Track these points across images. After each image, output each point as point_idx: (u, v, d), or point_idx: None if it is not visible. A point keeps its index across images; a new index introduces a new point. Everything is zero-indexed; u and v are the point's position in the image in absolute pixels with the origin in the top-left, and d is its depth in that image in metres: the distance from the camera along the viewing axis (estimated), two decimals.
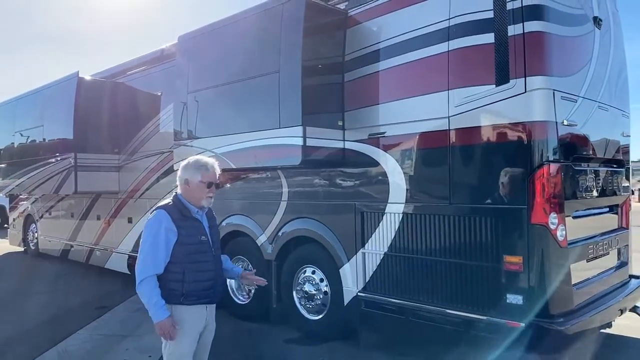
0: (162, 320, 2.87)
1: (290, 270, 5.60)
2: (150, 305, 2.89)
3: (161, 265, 2.93)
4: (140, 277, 2.90)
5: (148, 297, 2.89)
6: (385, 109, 4.73)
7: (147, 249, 2.94)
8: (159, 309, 2.88)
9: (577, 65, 4.30)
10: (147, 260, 2.92)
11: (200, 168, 3.08)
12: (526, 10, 3.85)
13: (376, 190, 4.79)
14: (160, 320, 2.87)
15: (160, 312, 2.87)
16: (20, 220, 11.94)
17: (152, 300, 2.88)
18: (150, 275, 2.90)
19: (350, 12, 5.04)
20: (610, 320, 4.47)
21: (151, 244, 2.93)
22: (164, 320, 2.88)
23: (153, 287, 2.90)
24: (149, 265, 2.91)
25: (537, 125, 3.81)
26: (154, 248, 2.92)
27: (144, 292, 2.90)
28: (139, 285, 2.90)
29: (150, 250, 2.92)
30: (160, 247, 2.92)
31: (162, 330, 2.89)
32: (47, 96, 9.04)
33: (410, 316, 4.52)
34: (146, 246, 2.94)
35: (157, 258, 2.92)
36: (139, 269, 2.92)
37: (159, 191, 7.38)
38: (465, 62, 4.16)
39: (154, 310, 2.88)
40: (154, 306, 2.88)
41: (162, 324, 2.87)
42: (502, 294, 3.94)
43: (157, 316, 2.87)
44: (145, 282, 2.89)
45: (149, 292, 2.89)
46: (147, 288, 2.89)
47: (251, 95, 5.31)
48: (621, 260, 5.10)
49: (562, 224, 3.88)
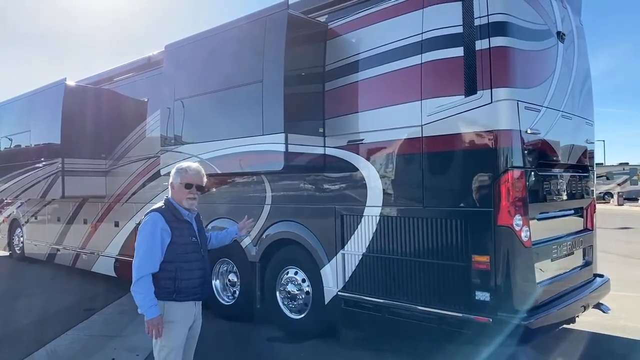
0: (154, 318, 3.08)
1: (273, 271, 5.81)
2: (144, 303, 3.09)
3: (157, 264, 3.14)
4: (137, 275, 3.10)
5: (143, 295, 3.09)
6: (364, 117, 4.97)
7: (144, 249, 3.14)
8: (152, 307, 3.08)
9: (541, 77, 4.59)
10: (144, 259, 3.12)
11: (180, 171, 3.34)
12: (492, 27, 4.13)
13: (355, 194, 5.03)
14: (152, 317, 3.08)
15: (153, 310, 3.08)
16: (6, 225, 11.96)
17: (147, 298, 3.09)
18: (147, 274, 3.11)
19: (330, 25, 5.29)
20: (573, 315, 4.74)
21: (148, 244, 3.13)
22: (156, 318, 3.08)
23: (148, 287, 3.10)
24: (146, 264, 3.12)
25: (502, 134, 4.08)
26: (150, 248, 3.13)
27: (139, 289, 3.10)
28: (135, 283, 3.10)
29: (147, 250, 3.13)
30: (156, 247, 3.13)
31: (152, 327, 3.09)
32: (35, 102, 9.14)
33: (387, 313, 4.75)
34: (143, 246, 3.14)
35: (153, 257, 3.13)
36: (136, 268, 3.12)
37: (145, 195, 7.56)
38: (436, 74, 4.42)
39: (147, 308, 3.08)
40: (147, 304, 3.08)
41: (153, 321, 3.08)
42: (471, 292, 4.19)
43: (150, 314, 3.08)
44: (141, 280, 3.10)
45: (144, 291, 3.09)
46: (142, 286, 3.10)
47: (236, 103, 5.52)
48: (586, 259, 5.39)
49: (527, 226, 4.16)
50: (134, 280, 3.11)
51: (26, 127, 9.34)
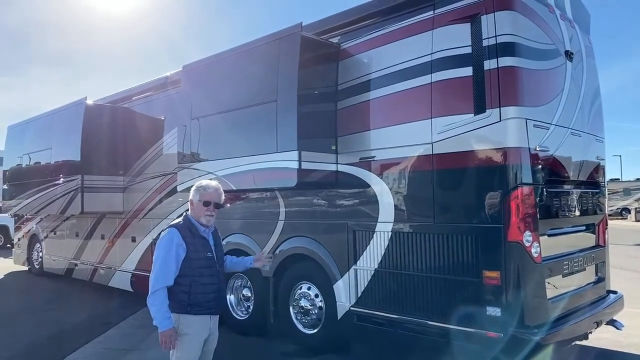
0: (166, 330, 3.19)
1: (287, 286, 5.89)
2: (157, 315, 3.20)
3: (172, 278, 3.26)
4: (153, 288, 3.22)
5: (157, 307, 3.21)
6: (375, 135, 5.09)
7: (159, 263, 3.27)
8: (165, 319, 3.20)
9: (549, 95, 4.68)
10: (160, 273, 3.25)
11: (199, 189, 3.47)
12: (500, 47, 4.24)
13: (367, 210, 5.12)
14: (165, 329, 3.19)
15: (166, 322, 3.19)
16: (25, 240, 12.20)
17: (161, 310, 3.20)
18: (162, 287, 3.22)
19: (343, 46, 5.44)
20: (585, 332, 4.74)
21: (163, 259, 3.26)
22: (169, 330, 3.19)
23: (163, 299, 3.22)
24: (161, 277, 3.24)
25: (511, 151, 4.16)
26: (166, 262, 3.25)
27: (154, 302, 3.22)
28: (151, 295, 3.22)
29: (162, 264, 3.25)
30: (172, 262, 3.26)
31: (165, 339, 3.19)
32: (56, 120, 9.43)
33: (399, 329, 4.80)
34: (159, 261, 3.27)
35: (168, 271, 3.25)
36: (153, 281, 3.24)
37: (162, 211, 7.72)
38: (446, 93, 4.53)
39: (160, 320, 3.19)
40: (161, 316, 3.19)
41: (166, 333, 3.19)
42: (482, 307, 4.24)
43: (163, 326, 3.19)
44: (157, 293, 3.22)
45: (159, 303, 3.21)
46: (157, 299, 3.21)
47: (250, 121, 5.67)
48: (599, 276, 5.39)
49: (537, 242, 4.21)
50: (150, 292, 3.23)
51: (48, 145, 9.62)
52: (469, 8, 4.44)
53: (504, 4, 4.29)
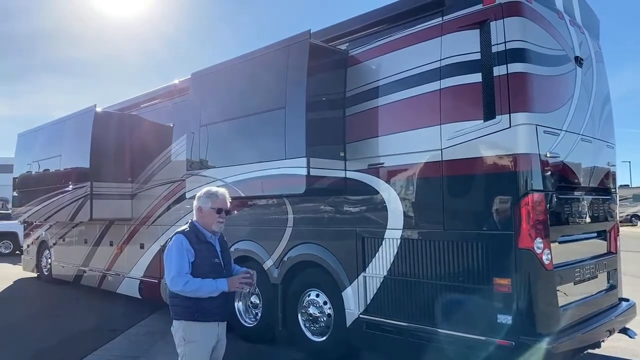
0: (229, 282, 3.23)
1: (295, 293, 5.87)
2: (207, 286, 3.21)
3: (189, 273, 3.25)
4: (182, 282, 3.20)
5: (199, 284, 3.21)
6: (384, 141, 5.08)
7: (174, 262, 3.25)
8: (214, 281, 3.23)
9: (559, 101, 4.65)
10: (181, 270, 3.23)
11: (210, 196, 3.47)
12: (510, 53, 4.23)
13: (376, 217, 5.10)
14: (226, 284, 3.23)
15: (219, 282, 3.24)
16: (34, 247, 12.26)
17: (205, 283, 3.21)
18: (187, 276, 3.22)
19: (351, 53, 5.45)
20: (598, 340, 4.69)
21: (178, 259, 3.25)
22: (229, 281, 3.24)
23: (193, 279, 3.21)
24: (180, 270, 3.23)
25: (522, 157, 4.13)
26: (181, 262, 3.24)
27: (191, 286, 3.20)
28: (184, 285, 3.19)
29: (178, 263, 3.24)
30: (185, 262, 3.25)
31: (237, 285, 3.26)
32: (65, 127, 9.50)
33: (408, 337, 4.77)
34: (173, 261, 3.26)
35: (183, 266, 3.24)
36: (176, 278, 3.21)
37: (170, 218, 7.73)
38: (455, 99, 4.52)
39: (214, 286, 3.22)
40: (211, 285, 3.22)
41: (231, 282, 3.23)
42: (493, 314, 4.19)
43: (222, 285, 3.23)
44: (189, 283, 3.20)
45: (197, 282, 3.21)
46: (194, 282, 3.20)
47: (259, 128, 5.69)
48: (610, 283, 5.33)
49: (548, 249, 4.17)
50: (182, 288, 3.19)
51: (57, 152, 9.68)
52: (478, 14, 4.43)
53: (513, 10, 4.28)
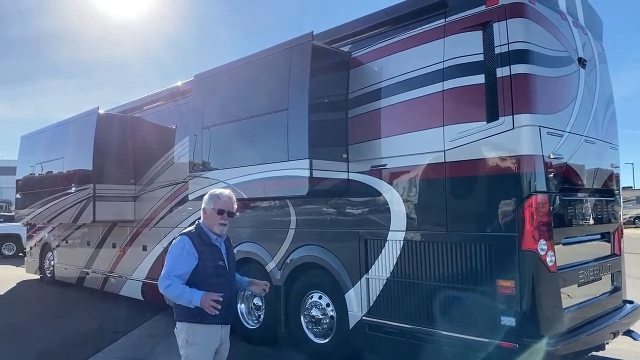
0: (201, 299, 3.15)
1: (298, 295, 5.86)
2: (184, 296, 3.19)
3: (183, 278, 3.26)
4: (165, 283, 3.22)
5: (180, 292, 3.20)
6: (386, 143, 5.07)
7: (170, 263, 3.28)
8: (194, 293, 3.18)
9: (563, 103, 4.64)
10: (171, 272, 3.25)
11: (213, 197, 3.47)
12: (513, 54, 4.21)
13: (378, 219, 5.09)
14: (199, 299, 3.15)
15: (195, 294, 3.17)
16: (37, 249, 12.29)
17: (185, 291, 3.20)
18: (174, 279, 3.22)
19: (354, 54, 5.45)
20: (602, 342, 4.66)
21: (174, 260, 3.28)
22: (202, 297, 3.16)
23: (180, 284, 3.22)
24: (172, 271, 3.24)
25: (525, 159, 4.12)
26: (177, 263, 3.27)
27: (173, 292, 3.21)
28: (166, 288, 3.21)
29: (173, 264, 3.27)
30: (182, 264, 3.26)
31: (206, 303, 3.15)
32: (68, 129, 9.52)
33: (411, 338, 4.75)
34: (169, 262, 3.29)
35: (179, 271, 3.26)
36: (163, 277, 3.24)
37: (173, 220, 7.74)
38: (458, 101, 4.51)
39: (190, 297, 3.18)
40: (189, 294, 3.18)
41: (203, 300, 3.15)
42: (496, 316, 4.18)
43: (195, 298, 3.16)
44: (172, 286, 3.21)
45: (179, 289, 3.21)
46: (176, 287, 3.21)
47: (261, 130, 5.69)
48: (614, 285, 5.31)
49: (552, 250, 4.15)
50: (163, 287, 3.21)
51: (60, 154, 9.71)
52: (480, 16, 4.43)
53: (516, 12, 4.27)
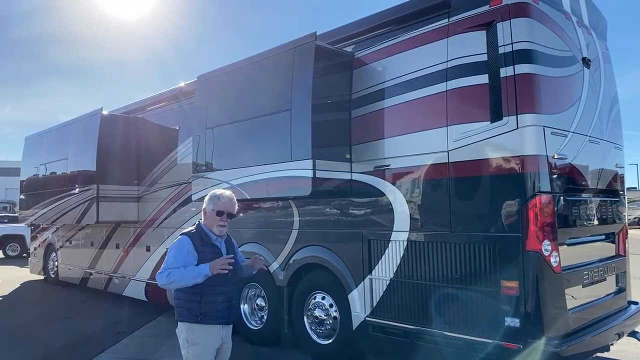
0: (210, 264, 3.17)
1: (301, 296, 5.86)
2: (192, 274, 3.18)
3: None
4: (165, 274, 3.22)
5: (181, 273, 3.19)
6: (390, 143, 5.06)
7: (170, 260, 3.29)
8: (200, 268, 3.19)
9: (567, 102, 4.62)
10: (169, 265, 3.27)
11: (213, 198, 3.47)
12: (517, 54, 4.20)
13: (382, 219, 5.08)
14: (208, 267, 3.17)
15: (203, 268, 3.18)
16: (41, 250, 12.31)
17: (187, 270, 3.19)
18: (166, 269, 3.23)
19: (357, 55, 5.44)
20: (606, 343, 4.63)
21: (174, 258, 3.28)
22: (212, 264, 3.17)
23: (178, 269, 3.21)
24: (165, 267, 3.26)
25: (529, 159, 4.10)
26: (177, 261, 3.27)
27: (173, 276, 3.20)
28: (167, 276, 3.20)
29: (173, 261, 3.27)
30: (178, 260, 3.27)
31: (220, 267, 3.17)
32: (72, 130, 9.55)
33: (414, 339, 4.73)
34: (169, 259, 3.30)
35: (178, 264, 3.25)
36: (162, 271, 3.24)
37: (176, 220, 7.74)
38: (462, 101, 4.49)
39: (198, 272, 3.18)
40: (196, 271, 3.18)
41: (213, 265, 3.16)
42: (500, 317, 4.16)
43: (204, 269, 3.18)
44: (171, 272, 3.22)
45: (179, 271, 3.20)
46: (176, 272, 3.21)
47: (265, 130, 5.68)
48: (619, 286, 5.28)
49: (556, 251, 4.13)
50: (165, 281, 3.21)
51: (64, 155, 9.73)
52: (484, 15, 4.42)
53: (520, 11, 4.26)
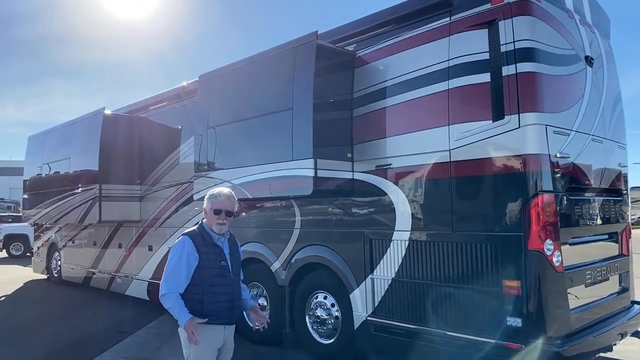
0: (185, 322, 3.15)
1: (302, 295, 5.85)
2: (174, 312, 3.21)
3: (182, 285, 3.27)
4: (163, 291, 3.25)
5: (172, 305, 3.23)
6: (391, 142, 5.04)
7: (169, 270, 3.29)
8: (182, 313, 3.18)
9: (569, 101, 4.59)
10: (170, 279, 3.27)
11: (211, 197, 3.45)
12: (519, 53, 4.18)
13: (383, 219, 5.07)
14: (184, 322, 3.15)
15: (183, 315, 3.18)
16: (44, 249, 12.34)
17: (176, 307, 3.21)
18: (171, 292, 3.24)
19: (358, 53, 5.43)
20: (609, 343, 4.61)
21: (173, 267, 3.28)
22: (187, 322, 3.15)
23: (175, 299, 3.23)
24: (171, 283, 3.26)
25: (531, 158, 4.08)
26: (176, 270, 3.27)
27: (166, 303, 3.25)
28: (162, 296, 3.25)
29: (172, 271, 3.27)
30: (182, 270, 3.26)
31: (189, 330, 3.14)
32: (75, 130, 9.56)
33: (416, 339, 4.72)
34: (169, 268, 3.30)
35: (178, 278, 3.26)
36: (162, 285, 3.27)
37: (178, 220, 7.75)
38: (463, 100, 4.47)
39: (178, 314, 3.19)
40: (178, 311, 3.19)
41: (187, 325, 3.14)
42: (502, 317, 4.14)
43: (181, 319, 3.17)
44: (167, 296, 3.25)
45: (172, 303, 3.23)
46: (169, 301, 3.24)
47: (266, 130, 5.68)
48: (622, 286, 5.25)
49: (558, 250, 4.11)
50: (160, 294, 3.26)
51: (66, 155, 9.75)
52: (486, 14, 4.39)
53: (522, 10, 4.24)
